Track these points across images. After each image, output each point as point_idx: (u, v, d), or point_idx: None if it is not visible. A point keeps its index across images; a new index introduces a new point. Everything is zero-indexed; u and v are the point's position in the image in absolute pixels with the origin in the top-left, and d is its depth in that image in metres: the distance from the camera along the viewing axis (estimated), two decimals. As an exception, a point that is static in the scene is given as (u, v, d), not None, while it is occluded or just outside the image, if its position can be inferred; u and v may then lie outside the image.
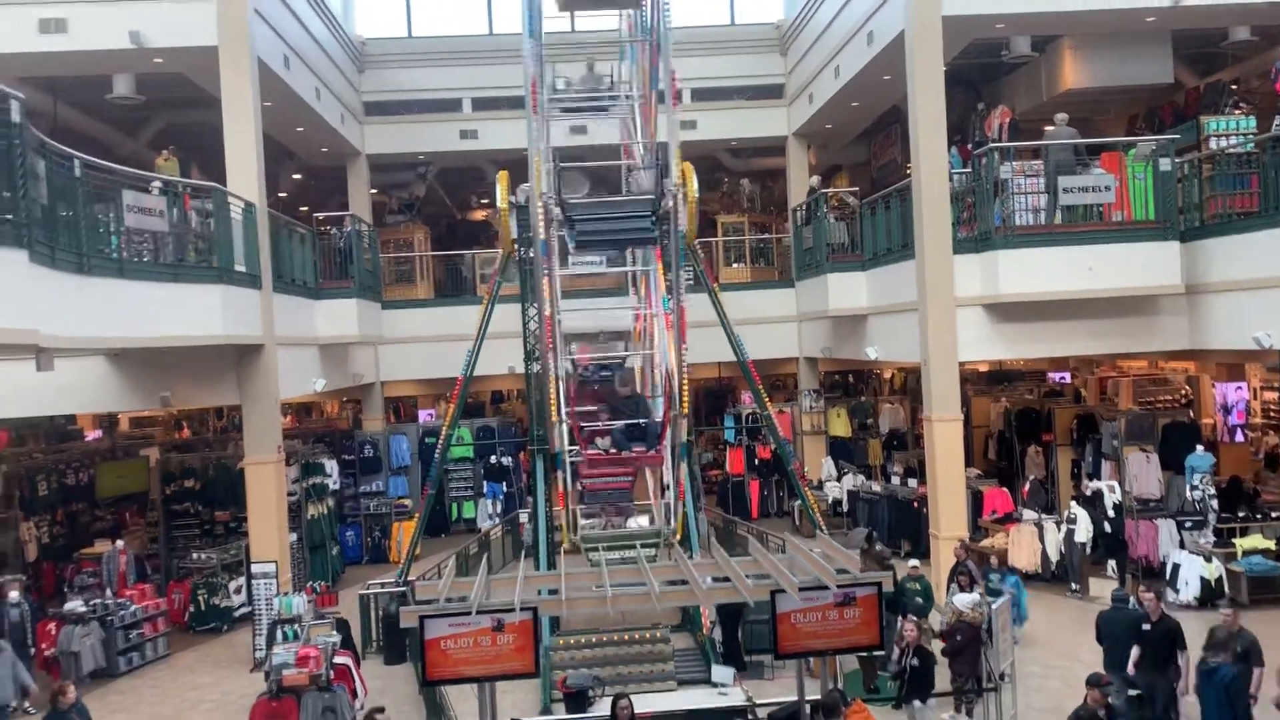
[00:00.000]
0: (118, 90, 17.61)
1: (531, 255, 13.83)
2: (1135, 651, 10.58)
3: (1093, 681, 9.18)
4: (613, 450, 12.05)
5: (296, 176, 26.77)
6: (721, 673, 11.63)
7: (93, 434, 24.46)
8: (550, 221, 12.23)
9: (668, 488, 12.55)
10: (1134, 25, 17.11)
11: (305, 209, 25.83)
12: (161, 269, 12.66)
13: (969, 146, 18.69)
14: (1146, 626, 10.65)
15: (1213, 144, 17.00)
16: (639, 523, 12.79)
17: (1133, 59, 18.26)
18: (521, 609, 8.14)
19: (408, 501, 21.91)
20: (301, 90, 18.63)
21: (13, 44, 15.05)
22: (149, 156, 18.92)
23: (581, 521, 12.27)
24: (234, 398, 15.62)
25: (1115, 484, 16.44)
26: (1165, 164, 15.21)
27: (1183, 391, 20.60)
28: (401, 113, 24.44)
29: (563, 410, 11.88)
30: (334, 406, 29.49)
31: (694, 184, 13.65)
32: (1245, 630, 10.39)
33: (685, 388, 12.15)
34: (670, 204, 12.11)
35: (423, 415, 26.72)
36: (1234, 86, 19.02)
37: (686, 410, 12.35)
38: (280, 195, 27.33)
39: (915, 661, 10.57)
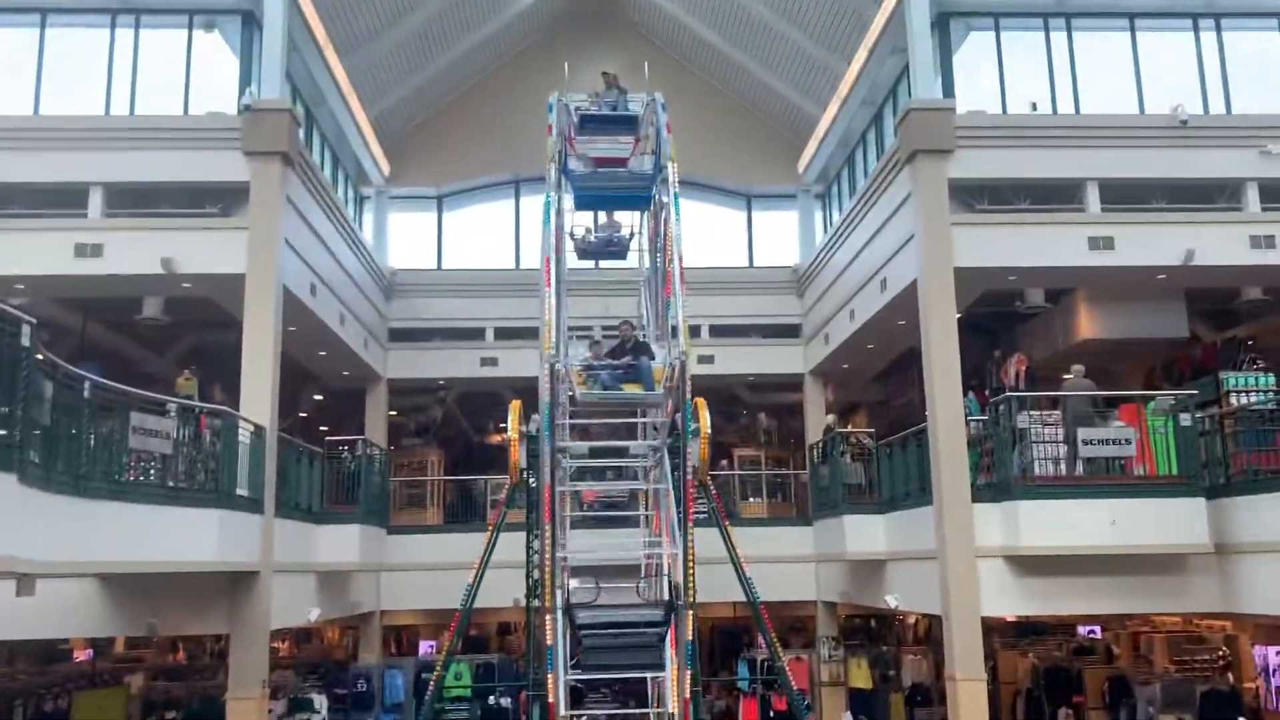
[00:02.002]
0: (147, 311, 18.11)
1: (535, 484, 13.50)
2: None
3: None
4: None
5: (318, 398, 27.01)
6: None
7: (83, 654, 23.56)
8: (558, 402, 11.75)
9: None
10: (1145, 281, 17.32)
11: (324, 429, 25.92)
12: (160, 491, 12.44)
13: (986, 392, 18.61)
14: None
15: (1233, 400, 16.83)
16: None
17: (1147, 313, 18.40)
18: None
19: (398, 743, 20.68)
20: (326, 317, 19.01)
21: (50, 267, 15.53)
22: (174, 374, 19.16)
23: None
24: (223, 626, 15.04)
25: (1154, 756, 15.31)
26: (1185, 419, 14.97)
27: (1220, 652, 19.51)
28: (425, 339, 24.87)
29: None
30: (335, 634, 28.50)
31: (706, 418, 13.48)
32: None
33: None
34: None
35: (424, 647, 25.69)
36: (1250, 343, 19.03)
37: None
38: (301, 416, 27.53)
39: None
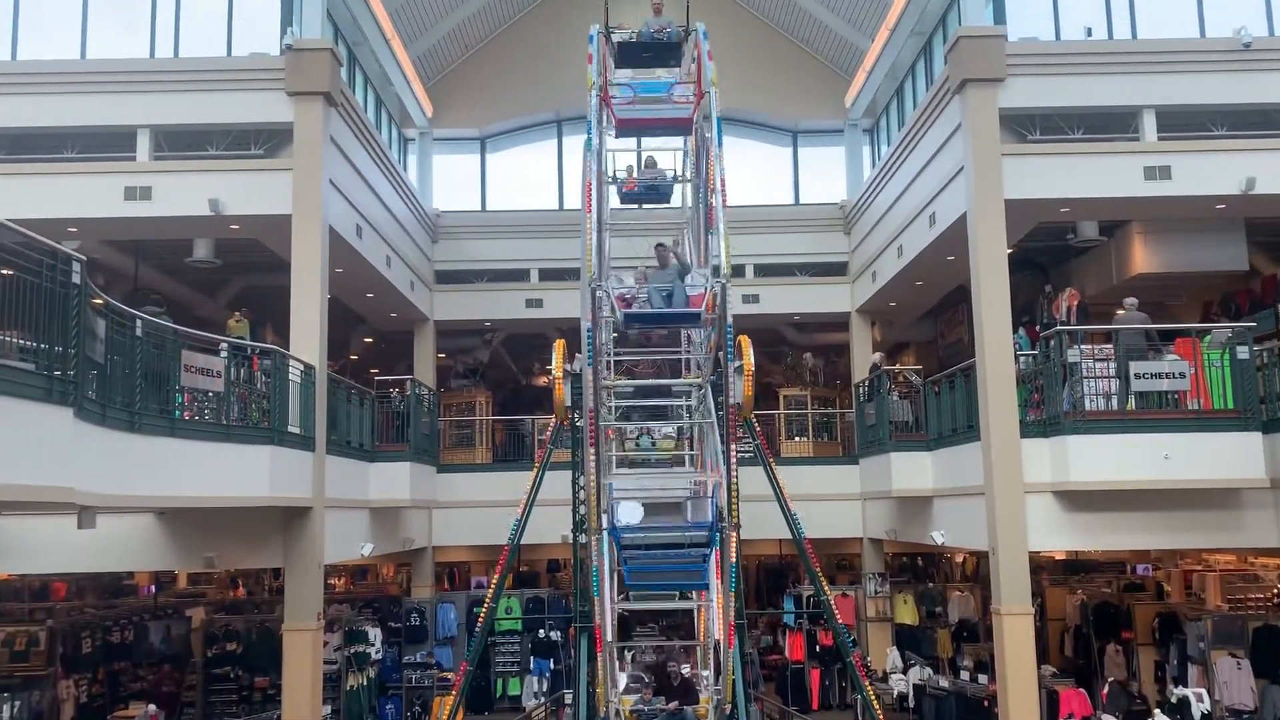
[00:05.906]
0: (197, 254, 18.36)
1: (581, 424, 13.63)
2: None
3: None
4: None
5: (368, 340, 27.34)
6: None
7: (147, 590, 24.35)
8: (600, 324, 11.54)
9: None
10: (1204, 212, 16.82)
11: (375, 371, 26.23)
12: (213, 428, 12.70)
13: (1037, 328, 18.32)
14: None
15: (1293, 333, 16.42)
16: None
17: (1204, 245, 17.91)
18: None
19: (450, 675, 21.17)
20: (373, 258, 19.12)
21: (100, 209, 15.74)
22: (226, 317, 19.46)
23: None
24: (278, 560, 15.40)
25: (1203, 691, 15.20)
26: (1243, 352, 14.62)
27: (1275, 590, 19.25)
28: (471, 281, 24.99)
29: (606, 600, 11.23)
30: (389, 570, 29.12)
31: (750, 357, 13.43)
32: None
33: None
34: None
35: (475, 582, 26.19)
36: (1313, 274, 18.51)
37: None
38: (351, 358, 27.91)
39: None
